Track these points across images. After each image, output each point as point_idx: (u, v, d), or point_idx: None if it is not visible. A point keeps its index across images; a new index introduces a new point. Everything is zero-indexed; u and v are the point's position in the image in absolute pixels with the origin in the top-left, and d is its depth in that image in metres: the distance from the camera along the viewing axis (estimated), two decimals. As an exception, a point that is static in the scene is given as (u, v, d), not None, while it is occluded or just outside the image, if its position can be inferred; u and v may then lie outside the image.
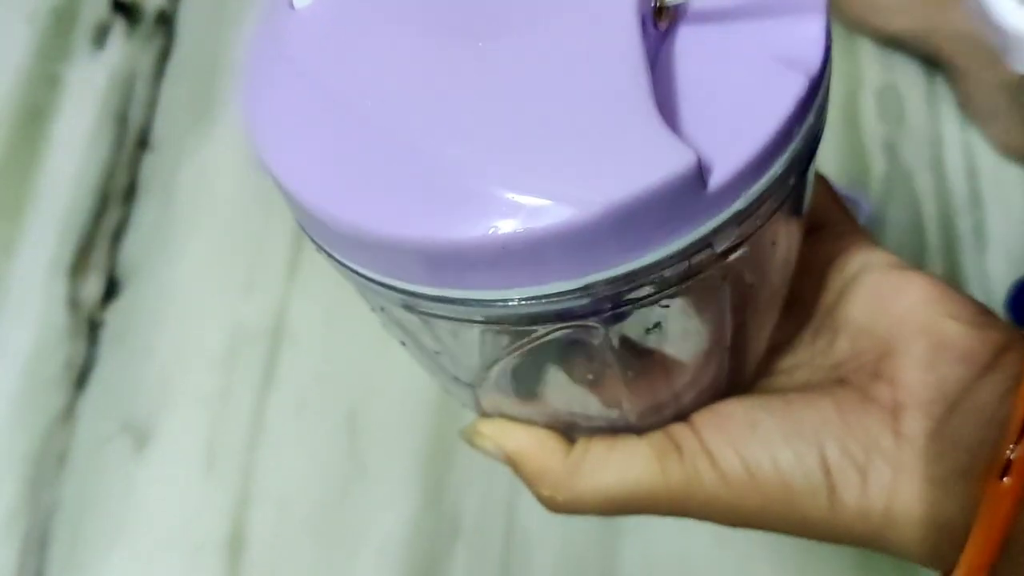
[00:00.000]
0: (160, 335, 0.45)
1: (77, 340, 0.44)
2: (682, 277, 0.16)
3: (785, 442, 0.20)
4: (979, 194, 0.44)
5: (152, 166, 0.48)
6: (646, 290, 0.16)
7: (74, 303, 0.45)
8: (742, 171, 0.15)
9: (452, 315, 0.17)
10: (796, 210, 0.19)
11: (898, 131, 0.46)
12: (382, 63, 0.17)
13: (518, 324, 0.17)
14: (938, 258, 0.43)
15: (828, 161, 0.45)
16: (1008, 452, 0.18)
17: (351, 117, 0.16)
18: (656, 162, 0.14)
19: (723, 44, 0.17)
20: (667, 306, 0.17)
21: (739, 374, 0.23)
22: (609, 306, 0.16)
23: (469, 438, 0.25)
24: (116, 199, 0.47)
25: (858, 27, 0.47)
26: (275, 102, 0.18)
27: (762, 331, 0.22)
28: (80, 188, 0.47)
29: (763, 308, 0.21)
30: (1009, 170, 0.45)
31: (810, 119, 0.17)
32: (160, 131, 0.49)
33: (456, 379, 0.23)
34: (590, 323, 0.17)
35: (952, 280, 0.43)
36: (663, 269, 0.16)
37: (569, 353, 0.20)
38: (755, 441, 0.20)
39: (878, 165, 0.45)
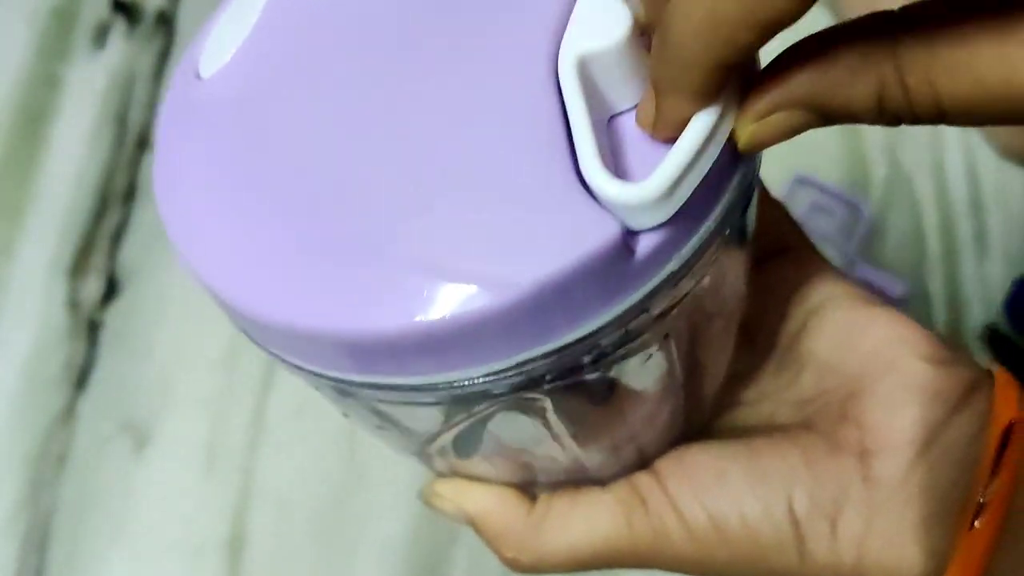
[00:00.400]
0: (160, 336, 0.45)
1: (77, 341, 0.44)
2: (620, 343, 0.16)
3: (752, 493, 0.19)
4: (980, 199, 0.44)
5: (152, 167, 0.48)
6: (585, 359, 0.16)
7: (74, 304, 0.45)
8: (672, 234, 0.15)
9: (384, 399, 0.17)
10: (739, 244, 0.18)
11: (898, 135, 0.46)
12: (293, 137, 0.16)
13: (453, 404, 0.17)
14: (939, 263, 0.43)
15: (829, 165, 0.45)
16: (980, 496, 0.17)
17: (265, 200, 0.16)
18: (580, 235, 0.14)
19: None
20: (609, 372, 0.17)
21: (697, 411, 0.22)
22: (548, 378, 0.16)
23: (427, 500, 0.24)
24: (116, 200, 0.47)
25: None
26: (187, 185, 0.17)
27: (717, 366, 0.22)
28: (80, 189, 0.47)
29: (715, 346, 0.20)
30: (1011, 174, 0.45)
31: (741, 168, 0.16)
32: (160, 132, 0.49)
33: (404, 448, 0.23)
34: (528, 396, 0.16)
35: (953, 285, 0.43)
36: (599, 339, 0.15)
37: (513, 420, 0.18)
38: (722, 493, 0.20)
39: (878, 169, 0.45)
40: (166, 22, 0.51)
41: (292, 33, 0.17)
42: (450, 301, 0.14)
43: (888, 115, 0.14)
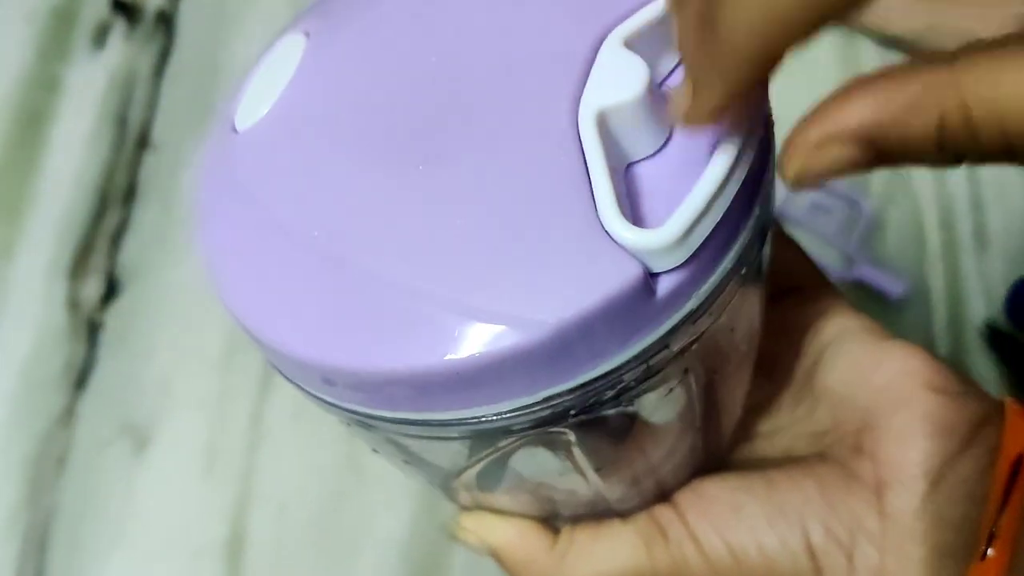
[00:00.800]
0: (160, 337, 0.45)
1: (77, 342, 0.44)
2: (642, 378, 0.16)
3: (769, 525, 0.20)
4: (980, 196, 0.44)
5: (152, 167, 0.48)
6: (608, 394, 0.16)
7: (74, 304, 0.45)
8: (690, 274, 0.15)
9: (413, 434, 0.17)
10: (755, 281, 0.19)
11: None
12: (327, 188, 0.17)
13: (478, 438, 0.17)
14: (938, 261, 0.43)
15: (829, 163, 0.45)
16: (990, 528, 0.18)
17: (300, 247, 0.17)
18: (602, 277, 0.15)
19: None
20: (631, 405, 0.17)
21: (715, 443, 0.23)
22: (572, 412, 0.16)
23: (453, 533, 0.24)
24: (116, 200, 0.47)
25: (859, 28, 0.47)
26: (227, 235, 0.18)
27: (734, 400, 0.22)
28: (79, 189, 0.47)
29: (732, 380, 0.21)
30: (1011, 171, 0.44)
31: (756, 210, 0.17)
32: (160, 132, 0.49)
33: (430, 482, 0.23)
34: (553, 430, 0.17)
35: (953, 283, 0.43)
36: (622, 373, 0.16)
37: (537, 455, 0.19)
38: (740, 525, 0.20)
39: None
40: (166, 22, 0.51)
41: (325, 91, 0.18)
42: (480, 339, 0.15)
43: (949, 151, 0.14)
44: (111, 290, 0.45)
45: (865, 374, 0.21)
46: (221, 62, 0.51)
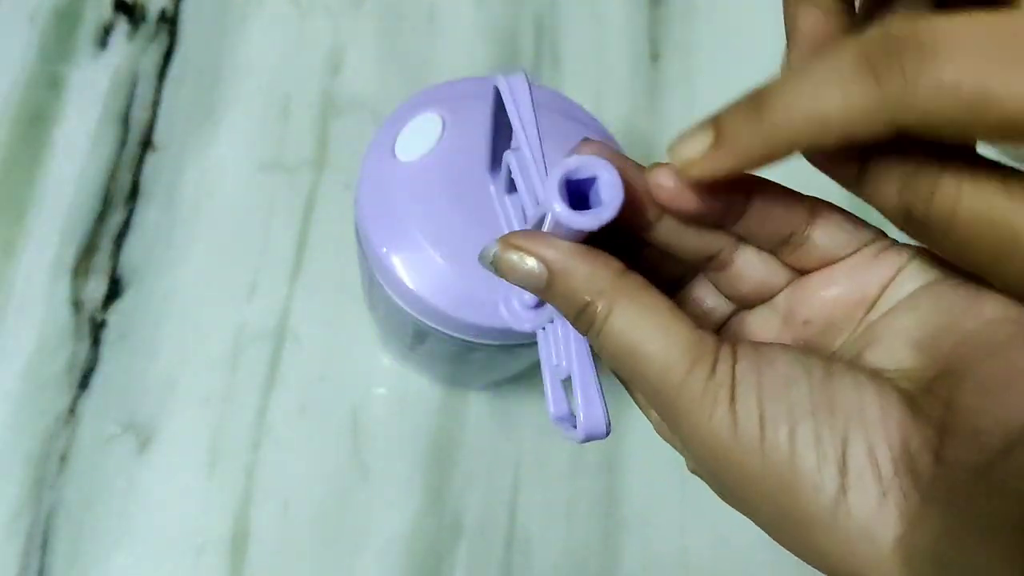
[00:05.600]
0: (163, 336, 0.45)
1: (80, 340, 0.44)
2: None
3: (811, 415, 0.17)
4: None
5: (155, 167, 0.48)
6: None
7: (77, 303, 0.45)
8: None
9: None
10: None
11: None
12: (470, 207, 0.30)
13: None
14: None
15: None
16: None
17: (455, 244, 0.30)
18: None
19: None
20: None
21: None
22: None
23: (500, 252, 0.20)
24: (119, 200, 0.47)
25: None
26: (399, 228, 0.31)
27: None
28: (83, 189, 0.47)
29: None
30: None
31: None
32: (163, 132, 0.49)
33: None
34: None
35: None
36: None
37: None
38: (781, 399, 0.18)
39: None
40: (169, 22, 0.52)
41: (453, 161, 0.31)
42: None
43: (905, 213, 0.17)
44: (114, 289, 0.45)
45: (955, 317, 0.18)
46: (223, 63, 0.51)
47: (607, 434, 0.20)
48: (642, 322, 0.19)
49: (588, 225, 0.18)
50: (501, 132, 0.25)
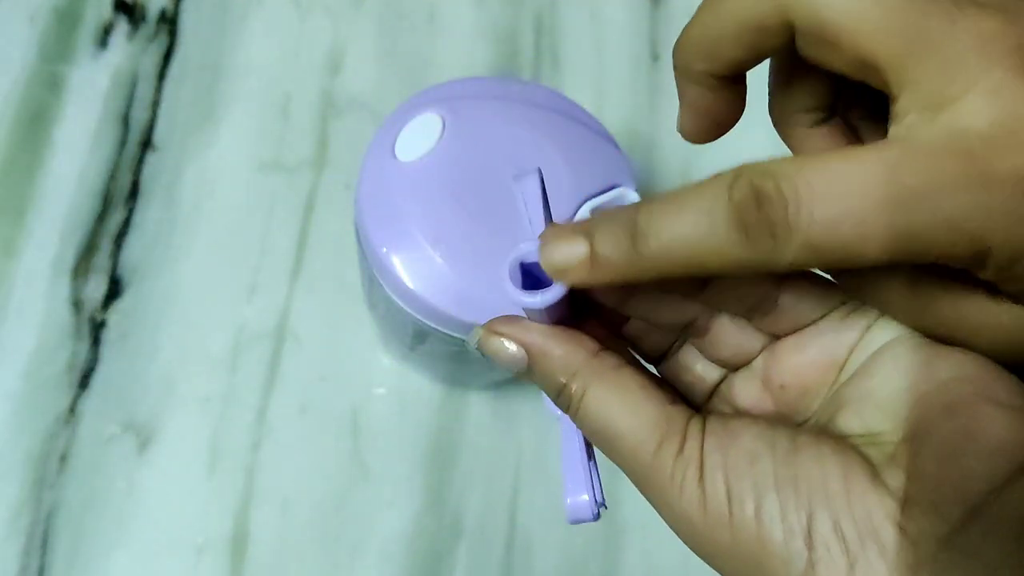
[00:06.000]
0: (163, 336, 0.45)
1: (80, 340, 0.44)
2: None
3: (776, 491, 0.18)
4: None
5: (155, 167, 0.48)
6: None
7: (77, 303, 0.45)
8: None
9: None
10: None
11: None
12: (472, 209, 0.31)
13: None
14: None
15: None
16: None
17: (454, 244, 0.31)
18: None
19: None
20: None
21: None
22: None
23: (483, 338, 0.22)
24: (119, 200, 0.47)
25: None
26: (398, 225, 0.31)
27: None
28: (83, 189, 0.47)
29: None
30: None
31: None
32: (163, 132, 0.49)
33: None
34: None
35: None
36: None
37: None
38: (746, 476, 0.18)
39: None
40: (169, 22, 0.52)
41: (452, 162, 0.31)
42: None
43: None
44: (114, 289, 0.45)
45: (913, 378, 0.18)
46: (223, 62, 0.51)
47: (594, 518, 0.21)
48: (613, 401, 0.19)
49: (536, 304, 0.19)
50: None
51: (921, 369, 0.18)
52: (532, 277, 0.20)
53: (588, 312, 0.21)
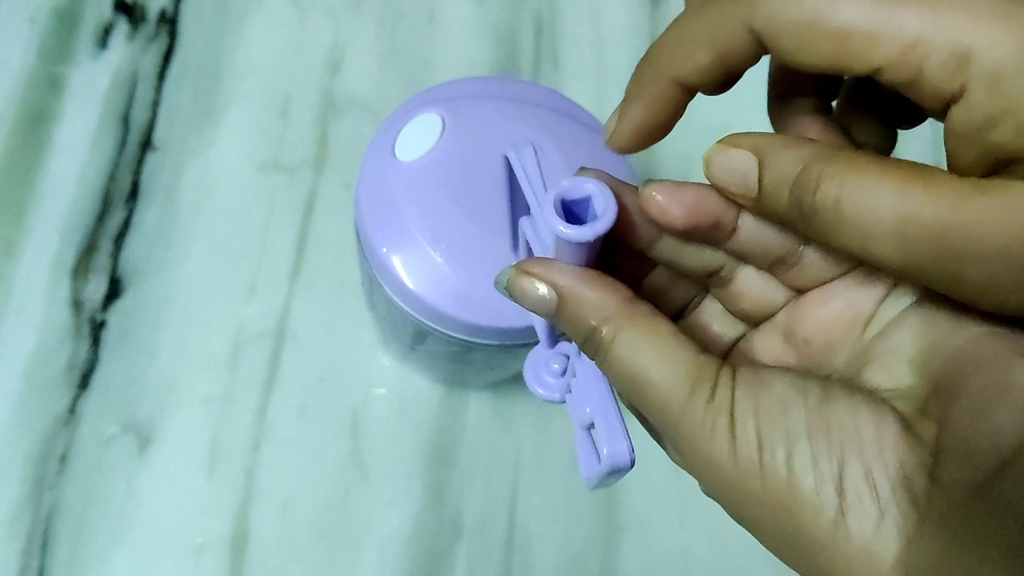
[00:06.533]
0: (163, 336, 0.45)
1: (80, 341, 0.44)
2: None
3: (808, 438, 0.18)
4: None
5: (155, 167, 0.48)
6: None
7: (77, 304, 0.45)
8: None
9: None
10: None
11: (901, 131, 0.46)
12: (472, 208, 0.30)
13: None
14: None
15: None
16: None
17: (453, 244, 0.30)
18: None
19: None
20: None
21: None
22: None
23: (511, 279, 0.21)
24: (119, 200, 0.47)
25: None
26: (397, 223, 0.31)
27: None
28: (83, 189, 0.47)
29: None
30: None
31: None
32: (163, 132, 0.49)
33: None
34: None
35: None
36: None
37: None
38: (778, 423, 0.18)
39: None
40: (169, 22, 0.52)
41: (452, 162, 0.31)
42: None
43: (794, 205, 0.18)
44: (114, 289, 0.45)
45: (944, 333, 0.18)
46: (223, 63, 0.51)
47: (631, 465, 0.21)
48: (645, 348, 0.19)
49: (586, 237, 0.18)
50: (517, 203, 0.26)
51: (951, 324, 0.19)
52: (570, 215, 0.19)
53: (609, 267, 0.21)
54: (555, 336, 0.25)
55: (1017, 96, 0.15)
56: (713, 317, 0.23)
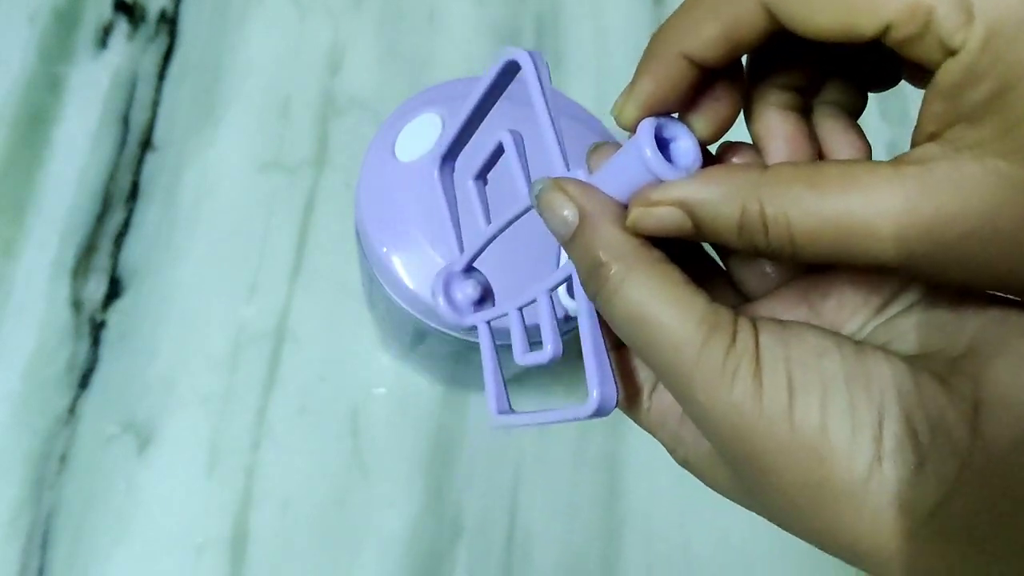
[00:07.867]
0: (163, 336, 0.45)
1: (80, 340, 0.44)
2: None
3: (845, 384, 0.17)
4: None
5: (155, 167, 0.48)
6: None
7: (77, 304, 0.45)
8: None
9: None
10: None
11: (901, 131, 0.46)
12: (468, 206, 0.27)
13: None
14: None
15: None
16: None
17: (449, 240, 0.28)
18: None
19: None
20: None
21: None
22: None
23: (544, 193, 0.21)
24: (119, 200, 0.47)
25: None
26: (395, 222, 0.31)
27: None
28: (83, 189, 0.47)
29: None
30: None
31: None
32: (163, 132, 0.49)
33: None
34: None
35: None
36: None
37: None
38: (812, 368, 0.17)
39: (880, 166, 0.45)
40: (168, 22, 0.52)
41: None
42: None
43: (746, 240, 0.18)
44: (114, 289, 0.45)
45: (978, 298, 0.18)
46: (223, 63, 0.51)
47: (614, 406, 0.21)
48: (658, 291, 0.19)
49: (675, 176, 0.19)
50: (478, 113, 0.25)
51: (975, 301, 0.18)
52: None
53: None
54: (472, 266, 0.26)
55: (1007, 55, 0.15)
56: (721, 296, 0.22)
